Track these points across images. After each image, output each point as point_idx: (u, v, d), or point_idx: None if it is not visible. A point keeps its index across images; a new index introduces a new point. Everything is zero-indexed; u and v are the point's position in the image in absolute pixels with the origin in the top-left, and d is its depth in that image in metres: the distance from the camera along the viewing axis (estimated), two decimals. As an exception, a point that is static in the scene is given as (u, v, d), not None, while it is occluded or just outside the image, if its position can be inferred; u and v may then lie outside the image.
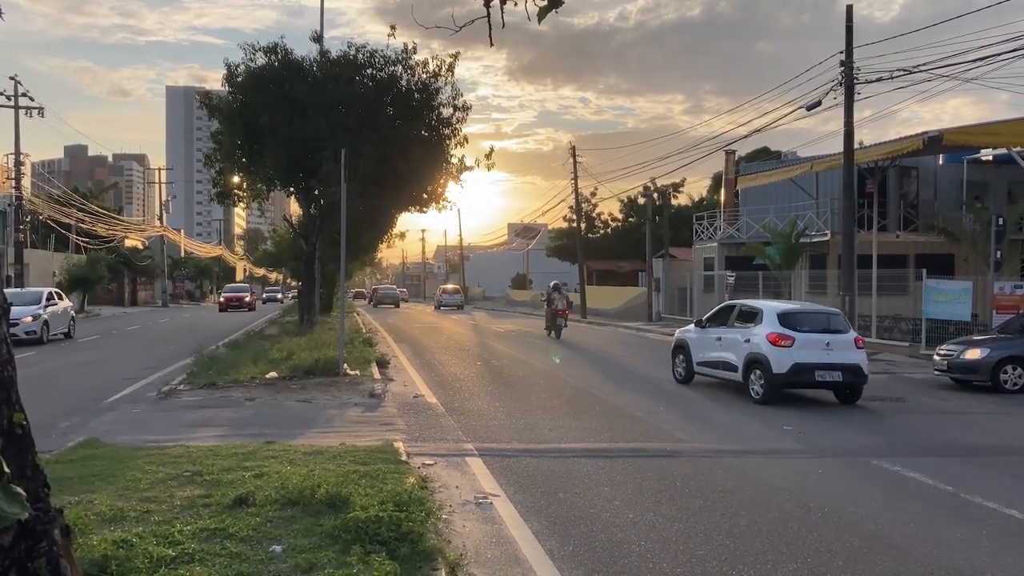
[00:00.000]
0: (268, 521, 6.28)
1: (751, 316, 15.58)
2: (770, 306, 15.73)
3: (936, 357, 17.58)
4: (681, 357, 17.36)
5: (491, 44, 3.99)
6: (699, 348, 16.72)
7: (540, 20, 3.73)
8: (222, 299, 60.64)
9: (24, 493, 2.75)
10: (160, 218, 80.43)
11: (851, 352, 14.56)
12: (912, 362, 21.17)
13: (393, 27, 23.62)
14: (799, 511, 7.62)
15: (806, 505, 7.83)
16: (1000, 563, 6.35)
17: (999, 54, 19.55)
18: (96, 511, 6.43)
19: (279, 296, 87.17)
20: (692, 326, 17.54)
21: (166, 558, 5.30)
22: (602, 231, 65.29)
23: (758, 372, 14.60)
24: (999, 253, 23.23)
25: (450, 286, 68.26)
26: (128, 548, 5.38)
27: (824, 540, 6.74)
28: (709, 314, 17.36)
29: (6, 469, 2.71)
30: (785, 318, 14.87)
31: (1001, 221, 23.33)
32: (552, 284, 31.81)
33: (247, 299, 59.37)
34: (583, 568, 6.04)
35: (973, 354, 16.59)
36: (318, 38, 25.54)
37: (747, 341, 15.04)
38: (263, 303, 78.27)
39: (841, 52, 22.53)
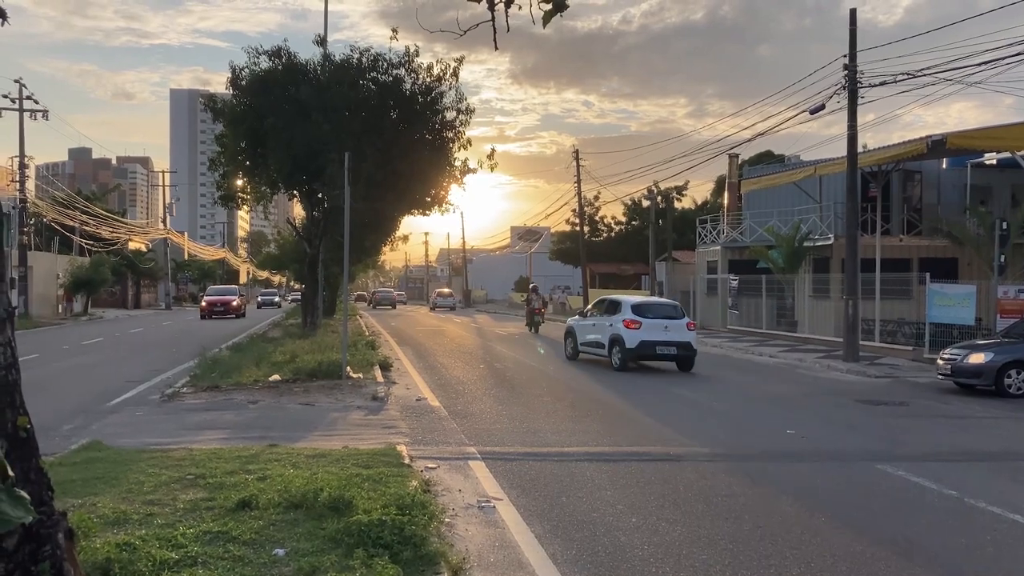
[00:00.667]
0: (271, 524, 6.28)
1: (615, 307, 20.71)
2: (627, 300, 21.28)
3: (940, 361, 17.54)
4: (570, 340, 22.83)
5: (495, 48, 3.99)
6: (581, 332, 22.19)
7: (545, 24, 3.73)
8: (203, 303, 50.60)
9: (28, 497, 2.75)
10: (164, 221, 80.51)
11: (684, 333, 20.13)
12: (915, 366, 21.12)
13: (395, 30, 23.66)
14: (803, 515, 7.61)
15: (810, 509, 7.81)
16: (1005, 568, 6.34)
17: (1003, 58, 19.53)
18: (99, 514, 6.43)
19: (276, 299, 79.61)
20: (577, 316, 23.42)
21: (169, 561, 5.30)
22: (605, 234, 65.31)
23: (616, 348, 20.02)
24: (1003, 257, 23.17)
25: (445, 290, 76.41)
26: (131, 551, 5.38)
27: (828, 545, 6.73)
28: (588, 307, 23.44)
29: (10, 473, 2.71)
30: (636, 308, 20.27)
31: (1005, 225, 23.27)
32: (531, 286, 37.76)
33: (235, 303, 50.19)
34: (586, 572, 6.03)
35: (977, 358, 16.55)
36: (322, 41, 25.58)
37: (611, 326, 20.38)
38: (258, 307, 72.77)
39: (844, 56, 22.49)
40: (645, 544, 6.67)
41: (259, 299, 79.31)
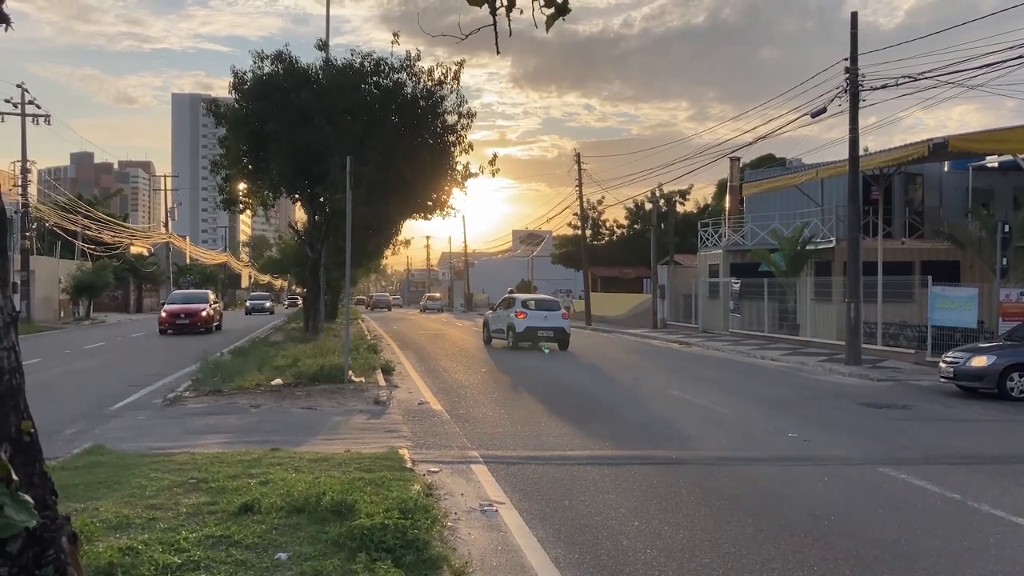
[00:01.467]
0: (274, 528, 6.29)
1: (511, 303, 28.63)
2: (519, 296, 29.65)
3: (942, 364, 17.52)
4: (485, 328, 30.37)
5: (497, 52, 3.99)
6: (492, 323, 29.58)
7: (548, 28, 3.74)
8: (163, 314, 37.16)
9: (32, 500, 2.75)
10: (165, 225, 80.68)
11: (558, 320, 27.49)
12: (918, 369, 21.10)
13: (396, 34, 23.73)
14: (805, 519, 7.60)
15: (812, 513, 7.80)
16: (1008, 572, 6.33)
17: (1004, 61, 19.53)
18: (102, 518, 6.44)
19: (267, 304, 70.23)
20: (490, 310, 31.37)
21: (172, 565, 5.31)
22: (607, 238, 65.28)
23: (511, 332, 27.51)
24: (1005, 260, 23.14)
25: (436, 294, 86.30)
26: (134, 555, 5.39)
27: (831, 548, 6.72)
28: (497, 303, 30.88)
29: (14, 477, 2.71)
30: (524, 303, 28.12)
31: (1007, 228, 23.24)
32: (509, 290, 44.24)
33: (204, 313, 36.75)
34: (589, 576, 6.03)
35: (979, 361, 16.53)
36: (323, 46, 25.63)
37: (508, 316, 27.87)
38: (247, 314, 65.53)
39: (846, 59, 22.50)
40: (648, 548, 6.66)
41: (247, 304, 70.42)
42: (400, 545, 5.79)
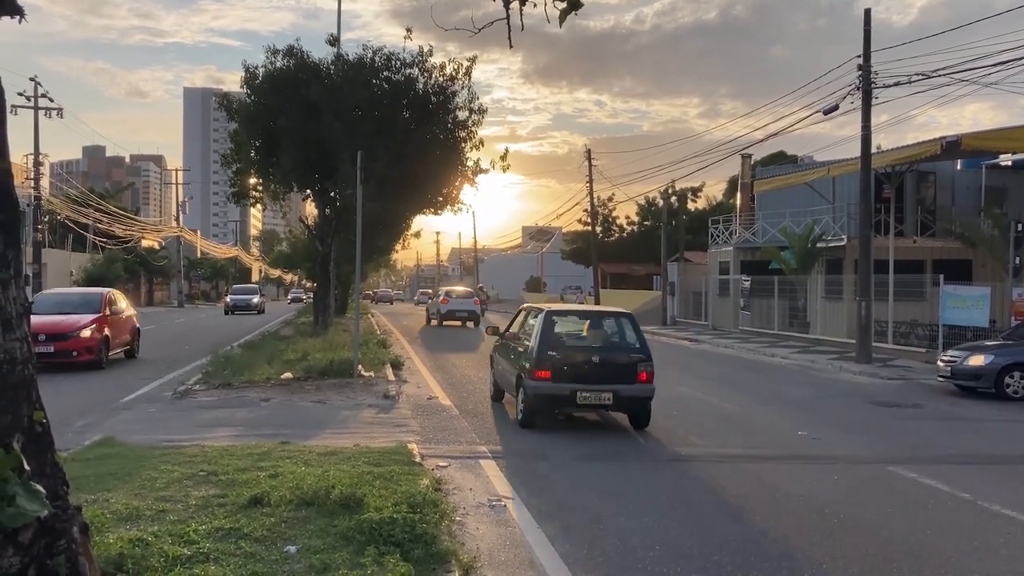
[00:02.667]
0: (283, 521, 6.30)
1: (439, 294, 42.84)
2: (443, 290, 43.36)
3: (940, 363, 17.46)
4: (427, 312, 43.50)
5: (510, 46, 3.98)
6: (431, 307, 43.06)
7: (561, 23, 3.73)
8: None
9: (44, 491, 2.77)
10: (177, 219, 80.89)
11: (471, 305, 40.04)
12: (929, 368, 20.99)
13: (409, 30, 23.69)
14: (814, 517, 7.58)
15: (821, 511, 7.78)
16: (1018, 571, 6.30)
17: (1019, 59, 19.40)
18: (112, 509, 6.47)
19: (255, 301, 54.67)
20: (429, 300, 45.90)
21: (181, 557, 5.32)
22: (617, 234, 65.21)
23: (435, 312, 40.91)
24: (1018, 259, 23.04)
25: (428, 290, 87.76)
26: (144, 547, 5.41)
27: (840, 547, 6.70)
28: (437, 296, 43.05)
29: (26, 466, 2.73)
30: (447, 293, 41.33)
31: (1020, 227, 23.13)
32: (479, 287, 54.92)
33: (85, 339, 18.37)
34: (597, 572, 6.03)
35: (977, 361, 16.45)
36: (335, 41, 25.62)
37: (437, 301, 41.30)
38: (229, 313, 51.61)
39: (858, 56, 22.39)
40: (656, 544, 6.66)
41: (227, 301, 56.04)
42: (409, 539, 5.80)
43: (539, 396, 11.79)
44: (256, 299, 55.08)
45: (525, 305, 15.37)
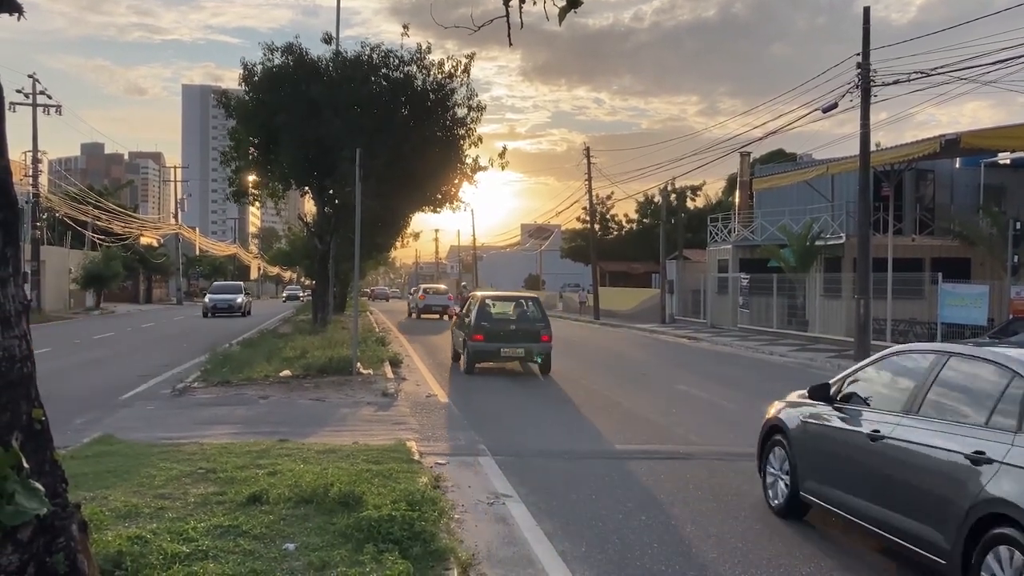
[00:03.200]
0: (281, 519, 6.31)
1: (419, 290, 50.28)
2: (422, 287, 51.49)
3: None
4: (409, 308, 49.33)
5: (510, 44, 3.98)
6: (411, 302, 50.37)
7: (561, 21, 3.72)
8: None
9: (43, 488, 2.77)
10: (175, 216, 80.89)
11: (444, 300, 46.37)
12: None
13: (406, 26, 23.70)
14: (813, 515, 7.57)
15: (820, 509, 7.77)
16: (1016, 570, 6.29)
17: (1018, 57, 19.40)
18: (111, 507, 6.47)
19: (239, 301, 47.14)
20: (410, 295, 56.70)
21: (180, 554, 5.32)
22: (616, 232, 65.19)
23: (415, 306, 47.50)
24: (1016, 257, 23.06)
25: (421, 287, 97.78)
26: (143, 544, 5.41)
27: (839, 545, 6.70)
28: (419, 291, 49.93)
29: (25, 464, 2.73)
30: (425, 290, 48.76)
31: (1019, 225, 23.15)
32: (463, 285, 55.16)
33: None
34: (595, 570, 6.03)
35: None
36: (332, 39, 25.62)
37: (415, 298, 49.42)
38: (209, 315, 44.41)
39: (857, 54, 22.37)
40: (655, 542, 6.66)
41: (206, 301, 47.31)
42: (407, 537, 5.80)
43: (476, 352, 17.94)
44: (240, 299, 47.65)
45: (471, 295, 22.71)
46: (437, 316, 44.99)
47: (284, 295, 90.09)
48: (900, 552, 5.91)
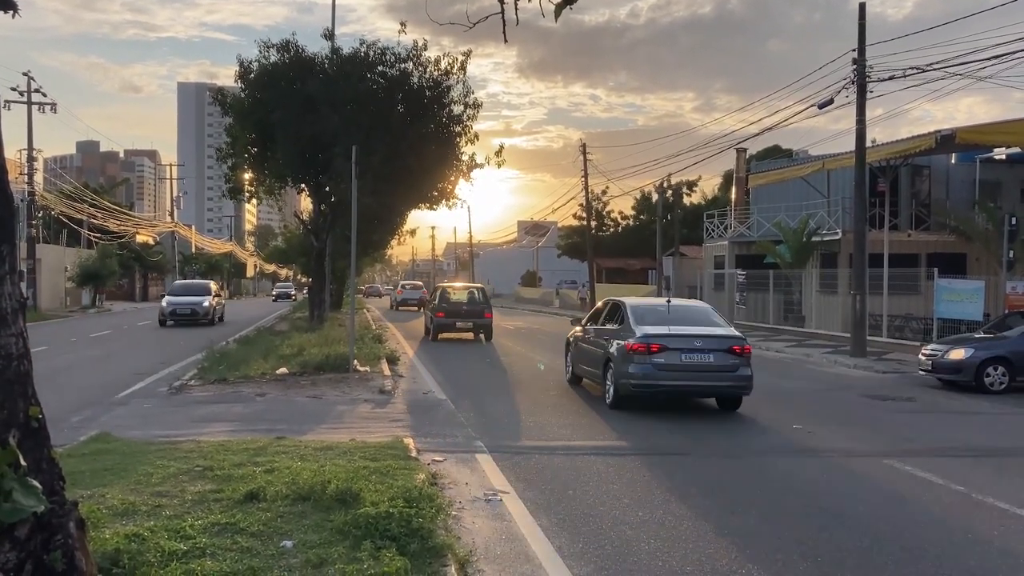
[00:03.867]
0: (279, 516, 6.31)
1: (397, 286, 66.42)
2: (400, 283, 67.72)
3: (921, 357, 17.57)
4: (392, 301, 57.55)
5: (505, 41, 3.99)
6: (394, 298, 57.98)
7: (557, 17, 3.72)
8: None
9: (40, 486, 2.77)
10: (171, 214, 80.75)
11: (418, 295, 52.93)
12: (923, 362, 21.06)
13: (403, 24, 23.70)
14: (809, 510, 7.61)
15: (816, 504, 7.81)
16: (1012, 564, 6.33)
17: (1013, 52, 19.42)
18: (108, 505, 6.47)
19: (206, 304, 35.62)
20: (392, 292, 64.89)
21: (177, 552, 5.32)
22: (612, 229, 65.24)
23: (395, 300, 56.82)
24: (1011, 252, 23.11)
25: (436, 288, 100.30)
26: (140, 542, 5.41)
27: (835, 540, 6.73)
28: (396, 287, 65.75)
29: (23, 462, 2.73)
30: (402, 286, 59.65)
31: (1014, 220, 23.20)
32: (401, 283, 62.67)
33: None
34: (592, 565, 6.05)
35: (957, 354, 16.54)
36: (330, 35, 25.58)
37: (393, 293, 62.82)
38: (162, 324, 33.98)
39: (853, 50, 22.40)
40: (651, 538, 6.68)
41: (163, 304, 35.74)
42: (405, 533, 5.80)
43: (438, 325, 26.60)
44: (207, 301, 35.65)
45: (436, 286, 33.68)
46: (414, 308, 50.42)
47: (274, 293, 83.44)
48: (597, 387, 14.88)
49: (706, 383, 12.95)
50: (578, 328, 16.05)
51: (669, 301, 14.57)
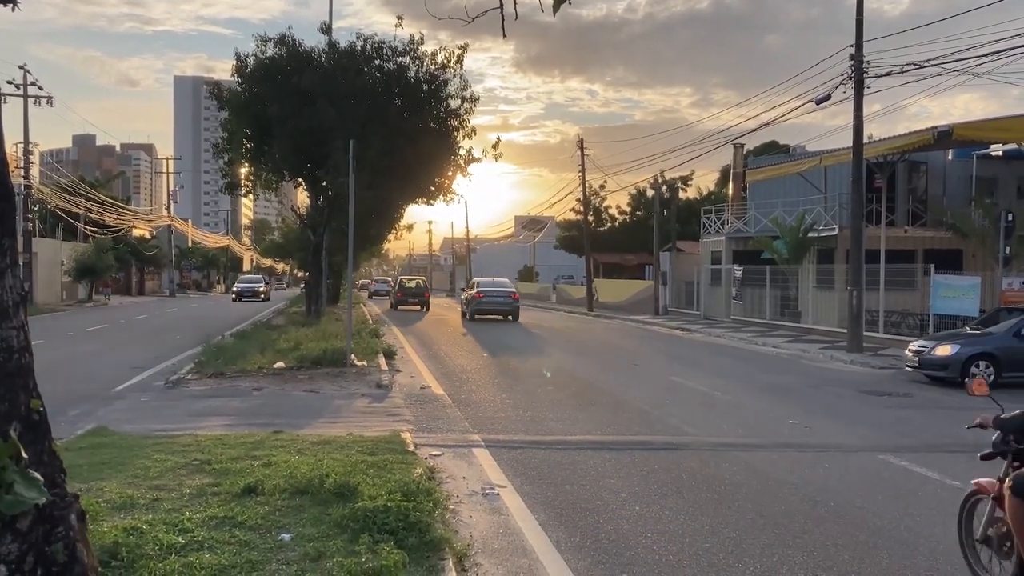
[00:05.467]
0: (277, 510, 6.32)
1: (372, 280, 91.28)
2: (374, 279, 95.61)
3: (908, 353, 17.63)
4: (369, 291, 76.14)
5: (504, 36, 3.99)
6: (371, 288, 76.89)
7: (555, 11, 3.73)
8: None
9: (41, 478, 2.78)
10: (167, 208, 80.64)
11: (389, 288, 63.98)
12: (919, 357, 21.10)
13: (400, 17, 23.78)
14: (805, 505, 7.64)
15: (812, 499, 7.84)
16: (1006, 558, 6.35)
17: (1010, 49, 19.42)
18: (106, 498, 6.48)
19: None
20: (371, 283, 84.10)
21: (176, 545, 5.34)
22: (609, 224, 65.16)
23: (369, 291, 74.29)
24: (1008, 249, 23.12)
25: (397, 279, 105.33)
26: (138, 535, 5.43)
27: (830, 534, 6.76)
28: (371, 282, 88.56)
29: (24, 455, 2.74)
30: (375, 280, 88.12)
31: (1010, 217, 23.20)
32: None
33: None
34: (589, 559, 6.07)
35: (943, 351, 16.60)
36: (326, 29, 25.55)
37: (374, 283, 78.91)
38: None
39: (851, 46, 22.40)
40: (648, 532, 6.70)
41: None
42: (402, 527, 5.82)
43: (397, 301, 45.97)
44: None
45: (399, 277, 57.72)
46: (384, 295, 62.47)
47: (235, 290, 60.51)
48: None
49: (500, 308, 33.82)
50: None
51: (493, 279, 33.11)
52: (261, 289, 58.91)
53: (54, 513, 2.91)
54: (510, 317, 35.58)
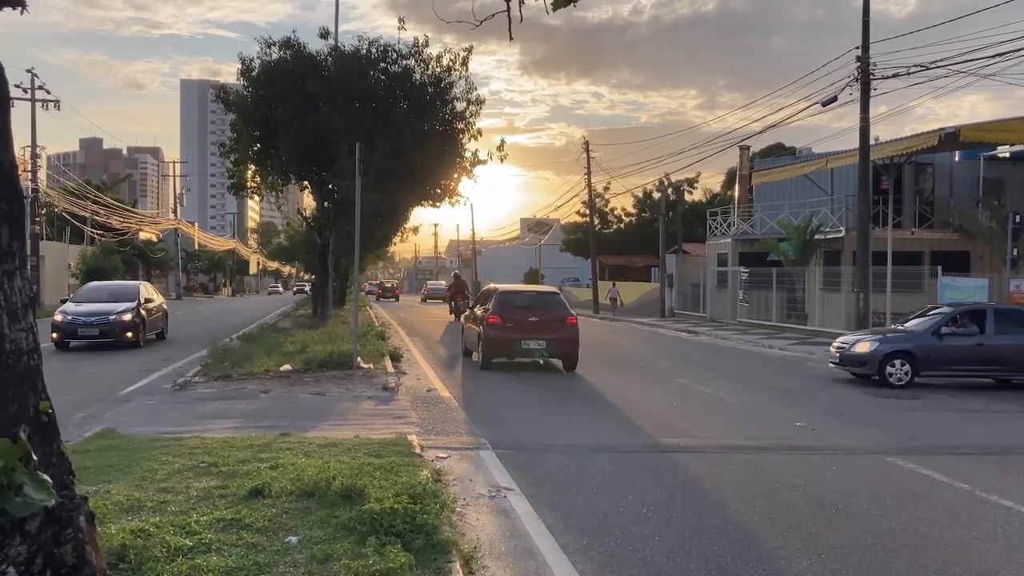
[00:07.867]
0: (284, 512, 6.32)
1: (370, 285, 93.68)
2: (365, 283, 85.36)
3: (832, 349, 17.64)
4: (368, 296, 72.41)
5: (511, 39, 3.99)
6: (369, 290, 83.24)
7: (554, 9, 3.72)
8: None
9: (50, 480, 2.79)
10: (174, 211, 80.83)
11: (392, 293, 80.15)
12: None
13: (402, 20, 23.88)
14: (813, 507, 7.61)
15: (820, 501, 7.82)
16: (1015, 560, 6.33)
17: (1017, 50, 19.41)
18: (114, 501, 6.48)
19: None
20: (368, 284, 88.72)
21: (183, 548, 5.34)
22: (615, 226, 65.16)
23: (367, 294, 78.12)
24: (1015, 250, 23.08)
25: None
26: (146, 537, 5.43)
27: (838, 536, 6.73)
28: (374, 284, 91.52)
29: (33, 456, 2.75)
30: (369, 284, 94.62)
31: (1018, 218, 23.17)
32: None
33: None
34: (596, 562, 6.06)
35: (863, 347, 16.63)
36: (326, 34, 25.57)
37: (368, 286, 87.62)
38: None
39: (857, 47, 22.39)
40: (656, 535, 6.69)
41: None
42: (409, 530, 5.82)
43: (377, 296, 74.05)
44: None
45: (380, 281, 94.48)
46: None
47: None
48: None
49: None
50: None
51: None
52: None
53: (63, 515, 2.91)
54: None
